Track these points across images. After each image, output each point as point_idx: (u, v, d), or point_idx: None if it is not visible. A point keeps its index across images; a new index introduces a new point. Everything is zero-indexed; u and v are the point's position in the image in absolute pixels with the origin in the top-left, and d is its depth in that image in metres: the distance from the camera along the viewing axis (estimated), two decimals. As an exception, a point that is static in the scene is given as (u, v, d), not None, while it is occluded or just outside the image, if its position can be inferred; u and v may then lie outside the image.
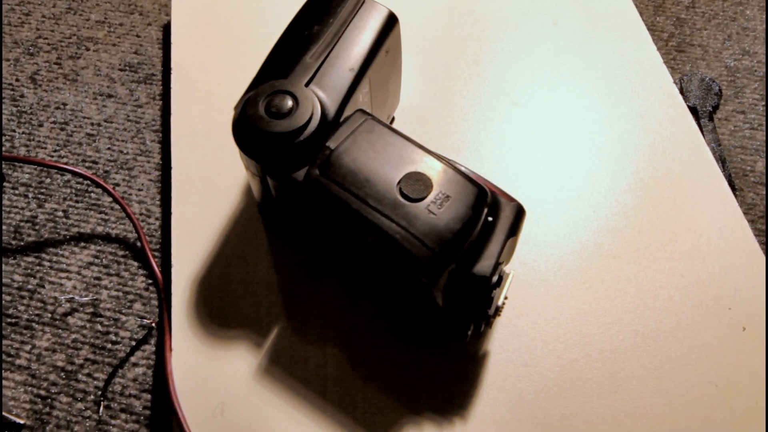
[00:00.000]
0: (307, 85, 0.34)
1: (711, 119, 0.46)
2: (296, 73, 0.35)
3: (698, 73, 0.49)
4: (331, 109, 0.34)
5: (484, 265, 0.31)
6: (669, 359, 0.36)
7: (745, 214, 0.42)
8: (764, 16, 0.52)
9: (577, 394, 0.35)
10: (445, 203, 0.31)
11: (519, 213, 0.33)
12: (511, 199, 0.34)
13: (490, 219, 0.32)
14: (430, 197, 0.31)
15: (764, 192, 0.44)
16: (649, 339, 0.37)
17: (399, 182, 0.32)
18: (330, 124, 0.34)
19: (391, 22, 0.38)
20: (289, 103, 0.33)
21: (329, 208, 0.32)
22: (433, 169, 0.32)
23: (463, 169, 0.34)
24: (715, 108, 0.47)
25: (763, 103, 0.47)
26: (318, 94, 0.34)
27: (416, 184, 0.32)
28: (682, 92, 0.47)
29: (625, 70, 0.47)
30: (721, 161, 0.44)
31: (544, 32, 0.49)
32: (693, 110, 0.46)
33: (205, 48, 0.49)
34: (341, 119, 0.34)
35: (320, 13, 0.37)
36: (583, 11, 0.50)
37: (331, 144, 0.33)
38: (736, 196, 0.43)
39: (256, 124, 0.33)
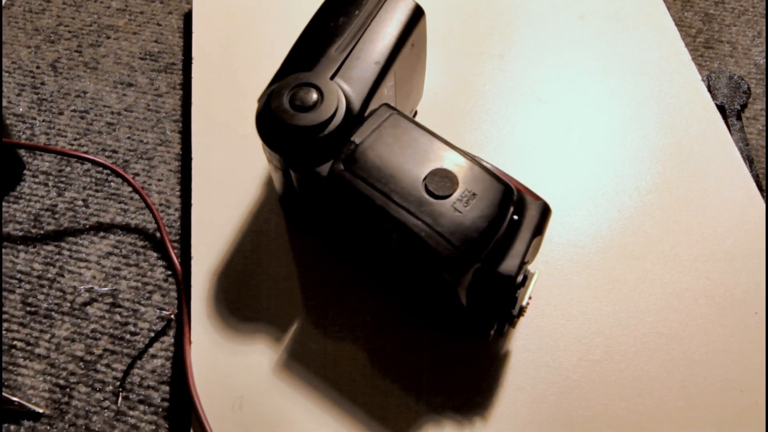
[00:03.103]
0: (332, 78, 0.34)
1: (739, 118, 0.45)
2: (321, 65, 0.34)
3: (726, 71, 0.48)
4: (356, 103, 0.33)
5: (509, 265, 0.31)
6: (693, 363, 0.35)
7: (772, 216, 0.42)
8: (795, 14, 0.51)
9: (599, 396, 0.35)
10: (471, 201, 0.31)
11: (545, 212, 0.33)
12: (537, 198, 0.33)
13: (515, 217, 0.32)
14: (456, 194, 0.31)
15: (793, 194, 0.43)
16: (673, 342, 0.36)
17: (425, 179, 0.31)
18: (355, 118, 0.33)
19: (417, 14, 0.37)
20: (314, 96, 0.33)
21: (353, 203, 0.32)
22: (459, 166, 0.32)
23: (488, 166, 0.33)
24: (744, 106, 0.46)
25: (793, 102, 0.46)
26: (343, 88, 0.34)
27: (442, 181, 0.31)
28: (709, 90, 0.46)
29: (652, 67, 0.46)
30: (749, 161, 0.43)
31: (570, 27, 0.48)
32: (721, 108, 0.46)
33: (227, 38, 0.49)
34: (366, 113, 0.34)
35: (346, 5, 0.37)
36: (611, 6, 0.49)
37: (356, 139, 0.33)
38: (763, 196, 0.42)
39: (280, 117, 0.32)
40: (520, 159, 0.43)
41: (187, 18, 0.53)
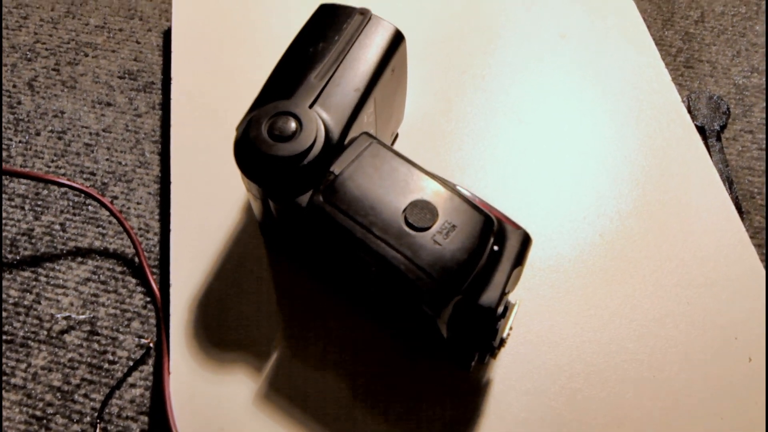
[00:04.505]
0: (311, 106, 0.33)
1: (719, 139, 0.45)
2: (300, 93, 0.34)
3: (706, 91, 0.48)
4: (336, 132, 0.33)
5: (489, 296, 0.31)
6: (674, 390, 0.35)
7: (752, 237, 0.42)
8: (765, 32, 0.51)
9: (581, 425, 0.35)
10: (451, 233, 0.31)
11: (525, 241, 0.33)
12: (517, 227, 0.33)
13: (496, 248, 0.32)
14: (436, 226, 0.31)
15: (772, 215, 0.43)
16: (654, 369, 0.36)
17: (404, 210, 0.31)
18: (334, 147, 0.33)
19: (397, 39, 0.37)
20: (293, 125, 0.33)
21: (333, 235, 0.31)
22: (438, 197, 0.32)
23: (468, 194, 0.33)
24: (723, 127, 0.46)
25: (772, 123, 0.47)
26: (322, 116, 0.33)
27: (422, 213, 0.31)
28: (689, 110, 0.47)
29: (633, 88, 0.46)
30: (729, 182, 0.43)
31: (552, 46, 0.48)
32: (701, 129, 0.46)
33: (206, 58, 0.48)
34: (346, 141, 0.34)
35: (325, 30, 0.36)
36: (592, 25, 0.49)
37: (336, 169, 0.32)
38: (743, 218, 0.43)
39: (258, 147, 0.32)
40: (501, 181, 0.43)
41: (167, 36, 0.53)
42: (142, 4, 0.54)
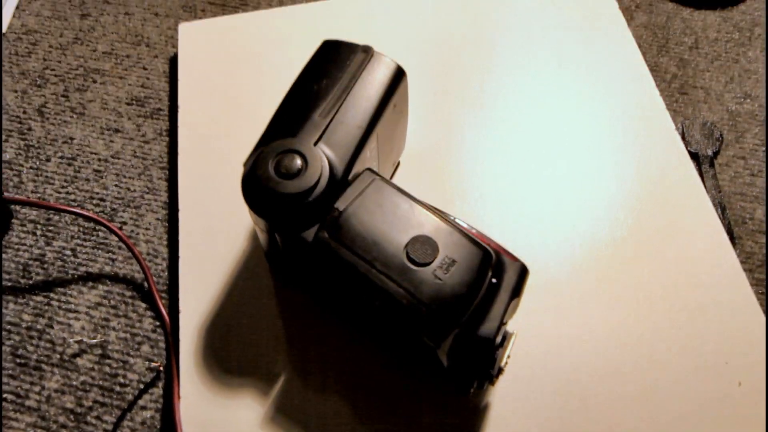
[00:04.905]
0: (315, 143, 0.35)
1: (712, 165, 0.47)
2: (305, 131, 0.35)
3: (700, 118, 0.49)
4: (340, 169, 0.34)
5: (488, 327, 0.32)
6: (665, 413, 0.37)
7: (743, 263, 0.43)
8: (765, 58, 0.52)
9: (576, 448, 0.36)
10: (451, 267, 0.32)
11: (522, 273, 0.34)
12: (515, 259, 0.34)
13: (494, 281, 0.33)
14: (437, 262, 0.32)
15: (764, 240, 0.44)
16: (647, 392, 0.37)
17: (406, 246, 0.32)
18: (338, 183, 0.34)
19: (399, 76, 0.38)
20: (298, 163, 0.34)
21: (338, 269, 0.33)
22: (439, 232, 0.33)
23: (467, 227, 0.35)
24: (716, 153, 0.47)
25: (764, 148, 0.48)
26: (327, 153, 0.34)
27: (423, 248, 0.32)
28: (683, 137, 0.48)
29: (629, 116, 0.47)
30: (721, 208, 0.45)
31: (549, 74, 0.50)
32: (694, 156, 0.47)
33: (212, 85, 0.49)
34: (349, 177, 0.35)
35: (329, 67, 0.38)
36: (588, 53, 0.51)
37: (340, 205, 0.34)
38: (735, 244, 0.44)
39: (265, 184, 0.33)
40: (499, 207, 0.44)
41: (173, 62, 0.54)
42: (149, 31, 0.56)
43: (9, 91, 0.52)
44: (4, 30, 0.56)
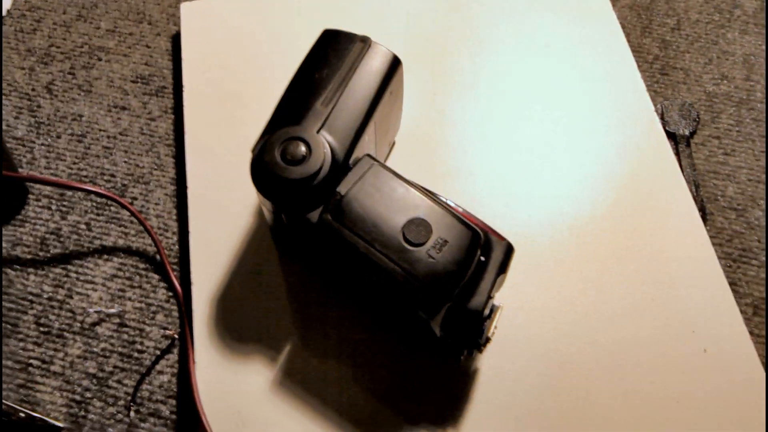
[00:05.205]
0: (318, 131, 0.37)
1: (688, 144, 0.50)
2: (308, 119, 0.38)
3: (679, 99, 0.52)
4: (341, 154, 0.37)
5: (476, 301, 0.35)
6: (636, 377, 0.41)
7: (713, 237, 0.47)
8: (743, 40, 0.55)
9: (555, 404, 0.40)
10: (443, 247, 0.35)
11: (508, 251, 0.37)
12: (501, 238, 0.38)
13: (482, 258, 0.36)
14: (430, 242, 0.35)
15: (733, 216, 0.48)
16: (620, 358, 0.41)
17: (403, 227, 0.35)
18: (340, 167, 0.37)
19: (395, 65, 0.40)
20: (303, 149, 0.36)
21: (340, 249, 0.36)
22: (432, 214, 0.36)
23: (459, 209, 0.38)
24: (693, 133, 0.50)
25: (737, 129, 0.51)
26: (328, 140, 0.37)
27: (418, 230, 0.35)
28: (662, 117, 0.51)
29: (611, 97, 0.50)
30: (695, 186, 0.48)
31: (537, 56, 0.52)
32: (672, 135, 0.50)
33: (215, 62, 0.52)
34: (350, 162, 0.38)
35: (329, 56, 0.40)
36: (574, 35, 0.53)
37: (342, 189, 0.36)
38: (706, 220, 0.47)
39: (273, 170, 0.36)
40: (487, 185, 0.47)
41: (175, 40, 0.56)
42: (150, 8, 0.57)
43: (17, 68, 0.54)
44: (8, 7, 0.57)
